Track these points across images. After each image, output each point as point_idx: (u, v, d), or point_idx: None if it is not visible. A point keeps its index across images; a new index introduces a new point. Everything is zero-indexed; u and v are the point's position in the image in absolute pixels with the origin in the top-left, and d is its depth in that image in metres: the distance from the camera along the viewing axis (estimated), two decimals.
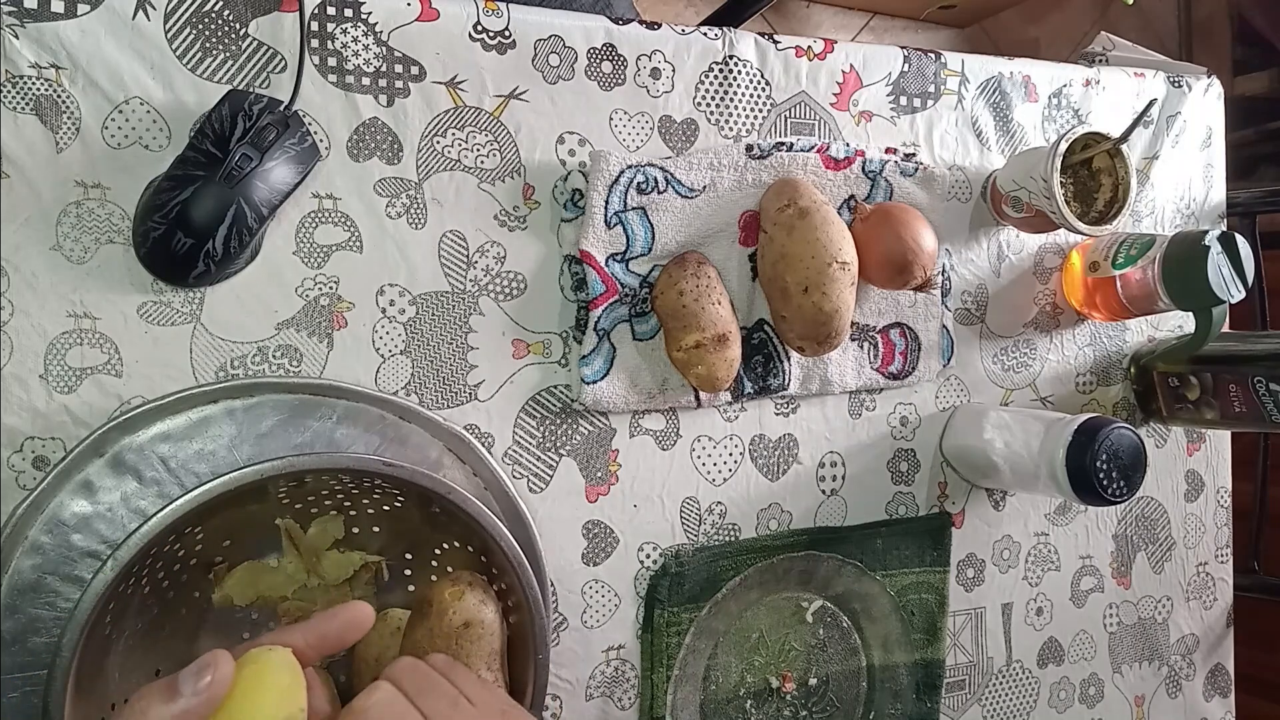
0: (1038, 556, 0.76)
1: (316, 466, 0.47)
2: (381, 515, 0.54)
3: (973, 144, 0.72)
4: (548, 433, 0.61)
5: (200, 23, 0.52)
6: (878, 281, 0.65)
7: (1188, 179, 0.80)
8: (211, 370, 0.53)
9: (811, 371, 0.66)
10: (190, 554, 0.50)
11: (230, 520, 0.50)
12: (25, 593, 0.45)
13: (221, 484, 0.44)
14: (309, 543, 0.54)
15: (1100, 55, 0.80)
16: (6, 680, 0.45)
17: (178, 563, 0.50)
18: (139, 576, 0.46)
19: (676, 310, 0.60)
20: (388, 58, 0.56)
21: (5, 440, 0.49)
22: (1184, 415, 0.76)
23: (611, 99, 0.61)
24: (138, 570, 0.45)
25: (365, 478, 0.50)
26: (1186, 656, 0.83)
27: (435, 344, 0.58)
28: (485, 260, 0.59)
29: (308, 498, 0.52)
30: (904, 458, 0.71)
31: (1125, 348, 0.79)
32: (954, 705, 0.74)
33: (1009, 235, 0.73)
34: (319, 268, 0.55)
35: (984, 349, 0.74)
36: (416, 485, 0.48)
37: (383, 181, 0.56)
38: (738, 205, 0.63)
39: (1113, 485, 0.63)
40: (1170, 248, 0.67)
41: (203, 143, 0.50)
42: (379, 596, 0.57)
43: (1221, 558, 0.84)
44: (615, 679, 0.64)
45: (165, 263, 0.51)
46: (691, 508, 0.65)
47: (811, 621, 0.70)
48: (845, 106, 0.68)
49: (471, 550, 0.53)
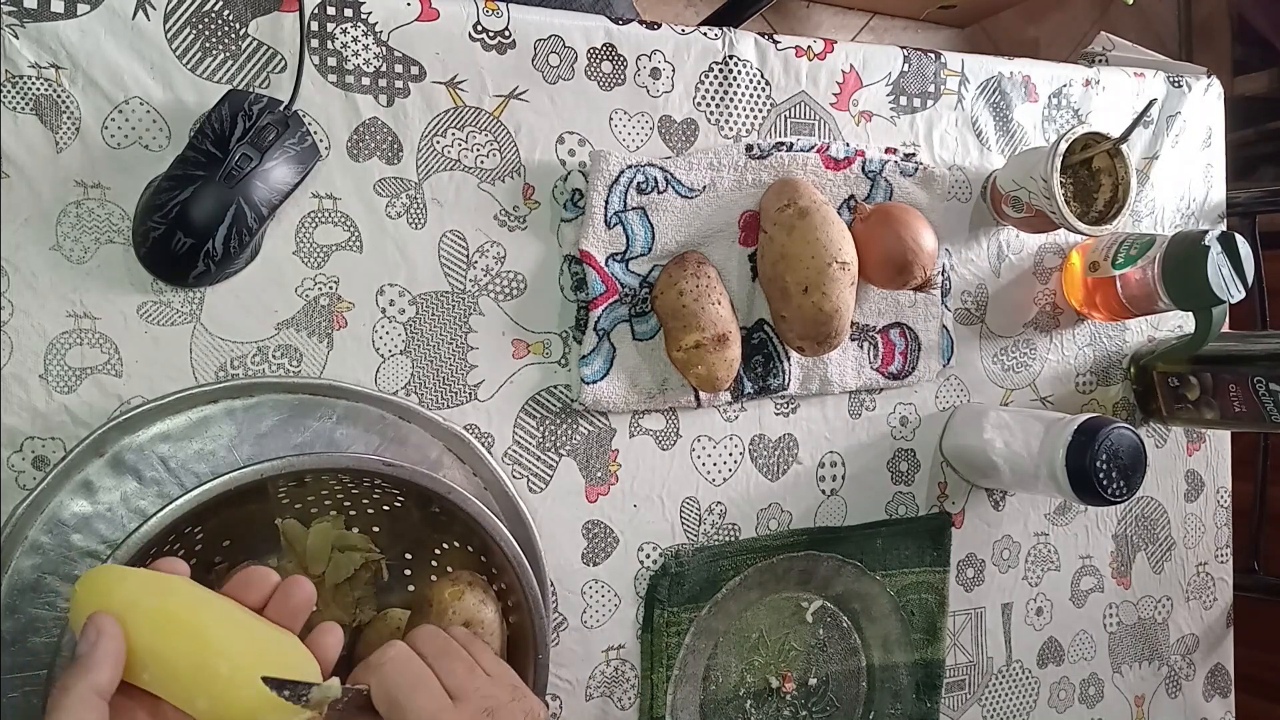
0: (1038, 556, 0.76)
1: (316, 466, 0.47)
2: (381, 515, 0.54)
3: (973, 144, 0.72)
4: (548, 433, 0.61)
5: (200, 23, 0.52)
6: (878, 281, 0.65)
7: (1188, 179, 0.80)
8: (211, 370, 0.53)
9: (811, 371, 0.66)
10: (190, 554, 0.50)
11: (230, 520, 0.50)
12: (25, 593, 0.45)
13: (221, 484, 0.44)
14: (308, 543, 0.54)
15: (1100, 55, 0.80)
16: (6, 680, 0.45)
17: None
18: None
19: (676, 310, 0.60)
20: (388, 58, 0.56)
21: (5, 440, 0.49)
22: (1184, 415, 0.76)
23: (611, 99, 0.61)
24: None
25: (365, 478, 0.50)
26: (1186, 656, 0.83)
27: (435, 344, 0.58)
28: (485, 260, 0.59)
29: (307, 498, 0.52)
30: (904, 458, 0.71)
31: (1125, 348, 0.79)
32: (954, 705, 0.74)
33: (1009, 235, 0.73)
34: (319, 268, 0.55)
35: (984, 349, 0.74)
36: (416, 485, 0.48)
37: (383, 181, 0.56)
38: (738, 205, 0.63)
39: (1113, 485, 0.63)
40: (1170, 248, 0.67)
41: (203, 143, 0.50)
42: (379, 596, 0.57)
43: (1221, 558, 0.84)
44: (615, 679, 0.64)
45: (165, 263, 0.51)
46: (691, 508, 0.65)
47: (811, 621, 0.70)
48: (845, 106, 0.68)
49: (471, 550, 0.53)
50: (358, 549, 0.55)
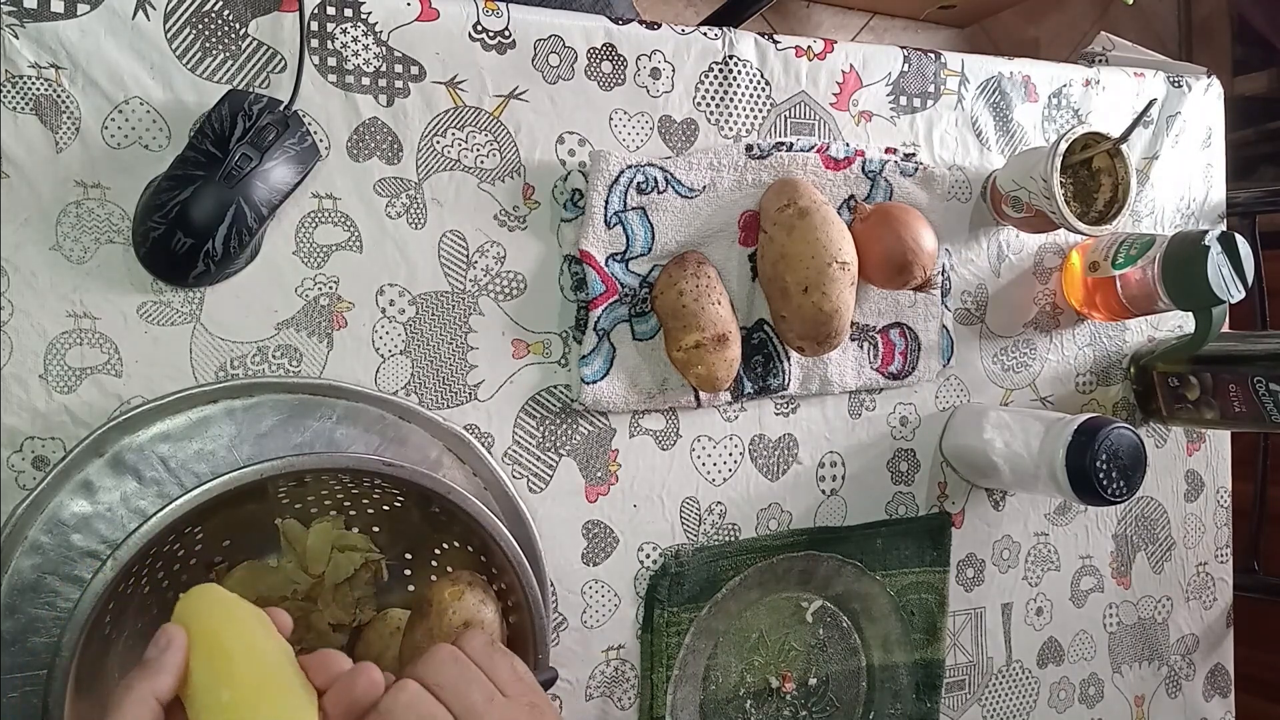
0: (1037, 556, 0.76)
1: (316, 466, 0.47)
2: (382, 515, 0.54)
3: (973, 144, 0.72)
4: (548, 433, 0.61)
5: (200, 23, 0.52)
6: (878, 281, 0.65)
7: (1188, 179, 0.80)
8: (211, 370, 0.53)
9: (811, 371, 0.66)
10: (190, 554, 0.50)
11: (230, 520, 0.50)
12: (25, 593, 0.45)
13: (221, 484, 0.44)
14: (308, 543, 0.54)
15: (1100, 55, 0.80)
16: (6, 680, 0.45)
17: (177, 562, 0.50)
18: (139, 576, 0.46)
19: (676, 310, 0.60)
20: (388, 58, 0.56)
21: (5, 440, 0.49)
22: (1184, 415, 0.76)
23: (611, 99, 0.61)
24: (138, 570, 0.45)
25: (365, 478, 0.50)
26: (1186, 656, 0.83)
27: (435, 344, 0.58)
28: (485, 260, 0.59)
29: (307, 498, 0.52)
30: (904, 458, 0.71)
31: (1125, 348, 0.79)
32: (954, 705, 0.74)
33: (1009, 235, 0.73)
34: (319, 268, 0.55)
35: (984, 349, 0.74)
36: (417, 485, 0.48)
37: (383, 181, 0.56)
38: (738, 205, 0.63)
39: (1113, 485, 0.63)
40: (1170, 248, 0.67)
41: (203, 143, 0.50)
42: (379, 596, 0.57)
43: (1221, 558, 0.84)
44: (615, 679, 0.64)
45: (165, 263, 0.51)
46: (691, 508, 0.65)
47: (811, 621, 0.70)
48: (845, 106, 0.68)
49: (471, 550, 0.53)
50: (358, 549, 0.55)
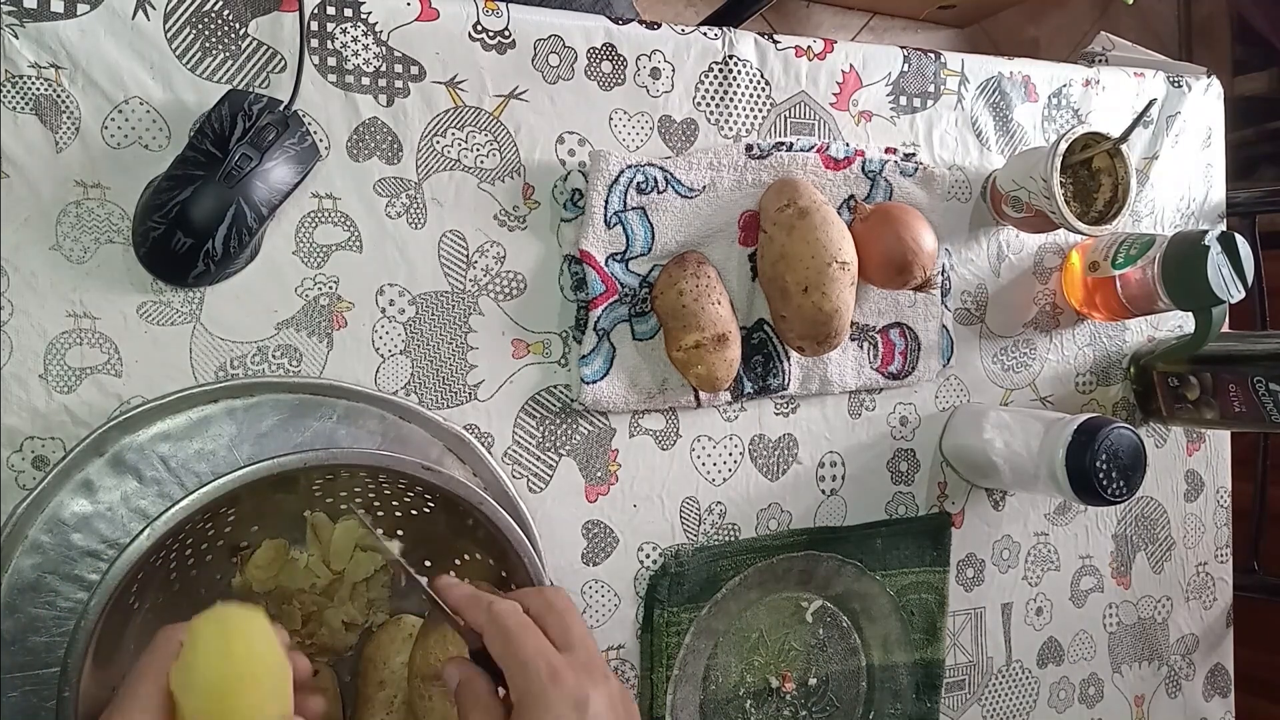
0: (1037, 556, 0.76)
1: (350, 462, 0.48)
2: (409, 519, 0.54)
3: (972, 144, 0.72)
4: (547, 432, 0.61)
5: (200, 23, 0.52)
6: (878, 281, 0.65)
7: (1187, 179, 0.80)
8: (211, 370, 0.53)
9: (811, 371, 0.66)
10: (219, 534, 0.51)
11: (260, 507, 0.51)
12: (25, 592, 0.45)
13: (226, 482, 0.44)
14: (333, 538, 0.54)
15: (1100, 55, 0.80)
16: (6, 680, 0.45)
17: (205, 541, 0.50)
18: (169, 550, 0.46)
19: (676, 310, 0.60)
20: (387, 57, 0.56)
21: (5, 440, 0.49)
22: (1184, 415, 0.76)
23: (611, 99, 0.61)
24: (170, 544, 0.45)
25: (402, 480, 0.50)
26: (1186, 656, 0.83)
27: (435, 344, 0.58)
28: (485, 260, 0.59)
29: (340, 493, 0.53)
30: (904, 458, 0.71)
31: (1125, 348, 0.79)
32: (954, 705, 0.74)
33: (1009, 235, 0.73)
34: (319, 267, 0.55)
35: (984, 349, 0.74)
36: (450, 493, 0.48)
37: (382, 181, 0.56)
38: (737, 205, 0.63)
39: (1112, 485, 0.63)
40: (1170, 248, 0.67)
41: (202, 142, 0.50)
42: (394, 600, 0.57)
43: (1221, 558, 0.84)
44: None
45: (165, 262, 0.51)
46: (691, 508, 0.65)
47: (811, 621, 0.70)
48: (845, 106, 0.68)
49: (493, 563, 0.53)
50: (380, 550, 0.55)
